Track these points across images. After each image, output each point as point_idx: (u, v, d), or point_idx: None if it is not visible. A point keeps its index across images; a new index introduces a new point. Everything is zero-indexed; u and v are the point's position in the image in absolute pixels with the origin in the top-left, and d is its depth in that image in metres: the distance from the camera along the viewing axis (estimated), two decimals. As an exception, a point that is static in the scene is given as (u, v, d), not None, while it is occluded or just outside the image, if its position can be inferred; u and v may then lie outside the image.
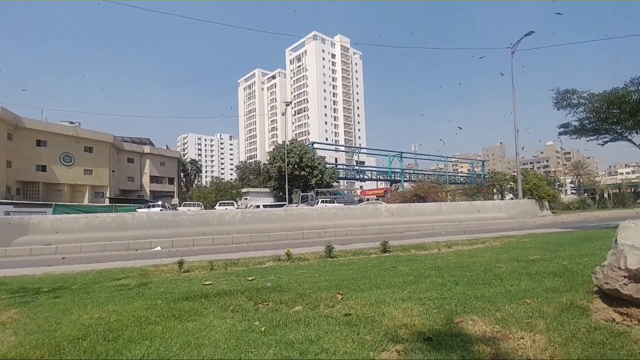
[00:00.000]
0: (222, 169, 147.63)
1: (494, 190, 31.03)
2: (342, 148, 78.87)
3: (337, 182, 49.56)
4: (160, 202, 33.11)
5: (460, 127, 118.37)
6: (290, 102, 49.01)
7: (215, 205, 34.60)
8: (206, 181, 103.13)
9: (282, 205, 27.30)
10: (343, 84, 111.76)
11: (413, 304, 3.26)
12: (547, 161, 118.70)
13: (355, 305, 3.33)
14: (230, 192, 49.16)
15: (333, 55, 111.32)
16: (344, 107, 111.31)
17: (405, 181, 50.67)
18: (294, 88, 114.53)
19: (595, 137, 11.56)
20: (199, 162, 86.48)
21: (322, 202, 29.85)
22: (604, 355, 2.03)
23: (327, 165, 43.82)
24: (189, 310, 3.40)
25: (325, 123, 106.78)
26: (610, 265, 2.93)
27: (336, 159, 68.65)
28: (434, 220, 18.13)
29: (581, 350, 2.09)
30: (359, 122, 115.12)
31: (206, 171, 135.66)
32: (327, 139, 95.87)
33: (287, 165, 34.79)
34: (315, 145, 46.48)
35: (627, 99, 9.70)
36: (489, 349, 2.23)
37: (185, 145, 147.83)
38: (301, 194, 33.53)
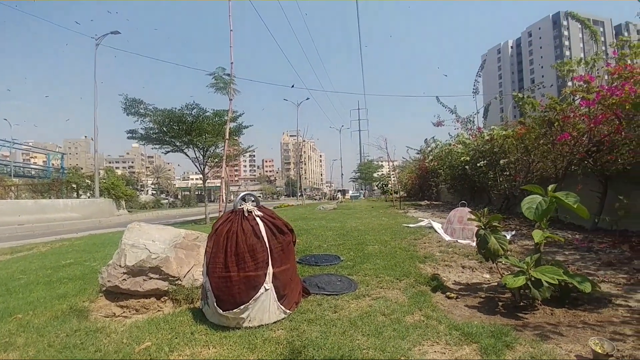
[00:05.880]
0: None
1: (74, 187, 28.30)
2: None
3: None
4: None
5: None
6: None
7: None
8: None
9: None
10: None
11: None
12: (133, 162, 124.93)
13: None
14: None
15: None
16: None
17: None
18: None
19: (159, 146, 13.40)
20: None
21: None
22: (72, 356, 2.12)
23: None
24: None
25: None
26: (114, 264, 3.26)
27: None
28: (-24, 224, 13.65)
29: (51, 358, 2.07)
30: None
31: None
32: None
33: None
34: None
35: (184, 119, 12.03)
36: None
37: None
38: None
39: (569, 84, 6.97)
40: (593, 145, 5.66)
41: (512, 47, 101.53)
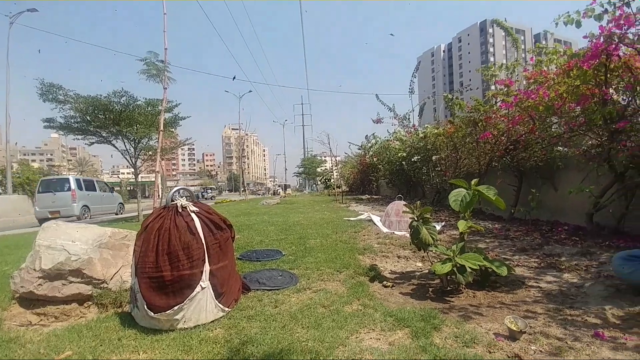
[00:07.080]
0: None
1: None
2: None
3: None
4: None
5: None
6: None
7: None
8: None
9: None
10: None
11: None
12: (52, 154, 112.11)
13: None
14: None
15: None
16: None
17: None
18: None
19: (83, 136, 12.10)
20: None
21: None
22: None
23: None
24: None
25: None
26: (27, 268, 2.91)
27: None
28: None
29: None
30: None
31: None
32: None
33: None
34: None
35: (111, 107, 10.98)
36: None
37: None
38: None
39: (492, 87, 7.60)
40: (511, 144, 6.27)
41: (444, 51, 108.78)
